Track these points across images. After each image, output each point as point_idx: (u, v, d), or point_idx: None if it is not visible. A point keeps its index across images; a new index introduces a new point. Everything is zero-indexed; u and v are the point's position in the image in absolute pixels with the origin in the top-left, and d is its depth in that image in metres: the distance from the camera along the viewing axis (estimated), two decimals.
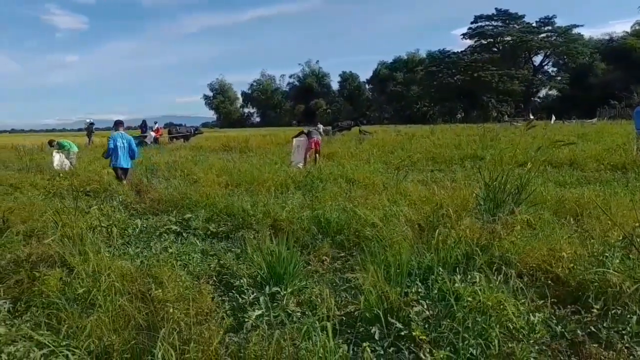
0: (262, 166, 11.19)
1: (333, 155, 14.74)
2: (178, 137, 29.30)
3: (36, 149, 20.89)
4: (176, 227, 5.95)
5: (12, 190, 9.23)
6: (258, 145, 20.35)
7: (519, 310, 3.06)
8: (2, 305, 3.60)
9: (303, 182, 8.60)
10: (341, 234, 5.23)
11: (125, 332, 2.99)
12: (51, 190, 9.01)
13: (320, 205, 6.11)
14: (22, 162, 14.67)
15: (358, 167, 10.64)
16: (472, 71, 75.11)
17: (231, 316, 3.32)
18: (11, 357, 2.77)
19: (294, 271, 3.92)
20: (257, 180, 8.88)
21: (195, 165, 12.24)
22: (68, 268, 4.15)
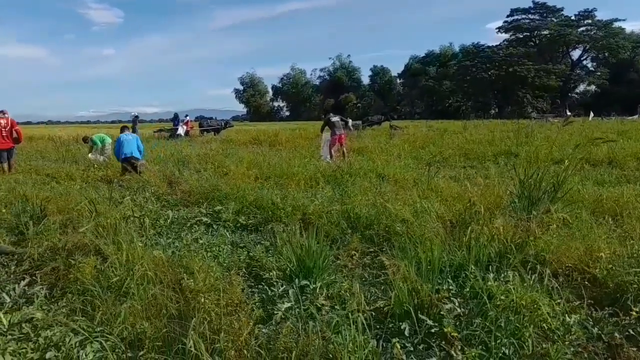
0: (292, 160, 11.23)
1: (363, 150, 14.64)
2: (209, 130, 29.74)
3: (71, 141, 21.55)
4: (207, 219, 6.05)
5: (48, 180, 9.54)
6: (287, 139, 20.40)
7: (554, 311, 3.02)
8: (39, 291, 3.75)
9: (332, 177, 8.60)
10: (371, 229, 5.22)
11: (157, 320, 3.07)
12: (86, 180, 9.28)
13: (350, 200, 6.11)
14: (58, 153, 15.18)
15: (388, 163, 10.54)
16: (507, 66, 73.27)
17: (260, 308, 3.37)
18: (47, 341, 2.87)
19: (323, 265, 3.93)
20: (286, 174, 8.93)
21: (225, 158, 12.37)
22: (102, 257, 4.27)
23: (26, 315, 3.20)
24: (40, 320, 3.14)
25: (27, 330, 3.01)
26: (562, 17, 76.06)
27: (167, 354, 2.78)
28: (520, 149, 13.05)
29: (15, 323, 3.10)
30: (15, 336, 2.96)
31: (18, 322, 3.12)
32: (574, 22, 74.79)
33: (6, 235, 5.32)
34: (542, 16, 76.78)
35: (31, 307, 3.40)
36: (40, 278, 4.11)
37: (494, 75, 74.86)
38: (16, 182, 8.33)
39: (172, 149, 15.41)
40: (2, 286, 3.87)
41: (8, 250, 4.84)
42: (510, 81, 72.88)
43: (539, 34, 77.26)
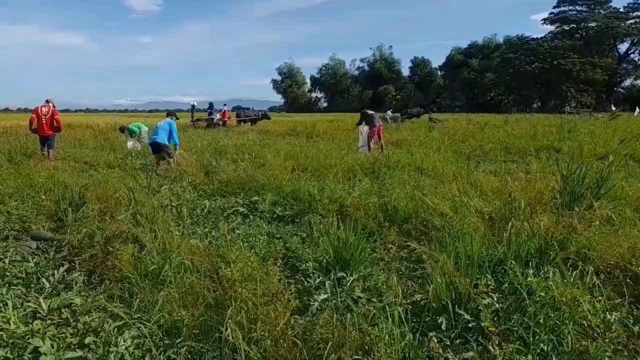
0: (329, 152, 11.24)
1: (402, 143, 14.61)
2: (246, 120, 30.09)
3: (110, 129, 22.27)
4: (243, 209, 6.14)
5: (87, 168, 9.90)
6: (325, 131, 20.43)
7: (594, 308, 3.03)
8: (78, 277, 3.90)
9: (370, 169, 8.57)
10: (408, 223, 5.20)
11: (194, 308, 3.13)
12: (124, 168, 9.57)
13: (388, 193, 6.09)
14: (96, 141, 15.68)
15: (427, 156, 10.48)
16: (551, 58, 71.14)
17: (297, 299, 3.40)
18: (86, 327, 2.98)
19: (360, 257, 3.94)
20: (323, 166, 8.95)
21: (262, 149, 12.50)
22: (140, 245, 4.38)
23: (65, 300, 3.34)
24: (79, 306, 3.27)
25: (66, 316, 3.14)
26: (610, 9, 73.32)
27: (204, 342, 2.83)
28: (563, 144, 12.87)
29: (55, 308, 3.24)
30: (54, 321, 3.09)
31: (57, 307, 3.25)
32: (623, 15, 71.96)
33: (45, 222, 5.52)
34: (590, 8, 74.15)
35: (70, 293, 3.54)
36: (78, 265, 4.26)
37: (538, 68, 72.86)
38: (55, 169, 8.65)
39: (210, 139, 15.66)
40: (42, 272, 4.03)
41: (47, 236, 5.03)
42: (555, 74, 70.75)
43: (586, 26, 74.70)
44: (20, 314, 3.10)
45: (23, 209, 5.87)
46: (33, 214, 5.68)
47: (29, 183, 7.14)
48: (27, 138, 13.42)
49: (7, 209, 5.84)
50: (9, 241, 4.85)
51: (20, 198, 6.37)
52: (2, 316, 2.99)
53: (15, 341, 2.74)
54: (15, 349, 2.70)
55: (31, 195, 6.47)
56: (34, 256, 4.46)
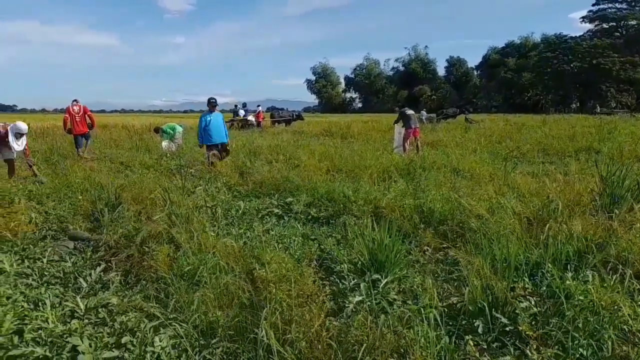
0: (364, 152, 11.22)
1: (437, 144, 14.51)
2: (280, 121, 30.33)
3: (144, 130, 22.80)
4: (278, 210, 6.19)
5: (123, 168, 10.15)
6: (359, 132, 20.40)
7: (635, 313, 2.98)
8: (114, 277, 4.01)
9: (405, 170, 8.50)
10: (444, 225, 5.16)
11: (229, 309, 3.18)
12: (159, 169, 9.78)
13: (424, 194, 6.06)
14: (132, 142, 16.09)
15: (463, 157, 10.37)
16: (590, 58, 68.81)
17: (331, 300, 3.41)
18: (123, 326, 3.06)
19: (395, 260, 3.92)
20: (358, 167, 8.92)
21: (296, 149, 12.57)
22: (175, 245, 4.48)
23: (102, 300, 3.44)
24: (116, 306, 3.36)
25: (103, 315, 3.23)
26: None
27: (239, 343, 2.87)
28: (602, 145, 12.55)
29: (92, 308, 3.33)
30: (92, 320, 3.18)
31: (94, 307, 3.35)
32: None
33: (82, 222, 5.70)
34: (630, 5, 71.31)
35: (107, 293, 3.64)
36: (115, 265, 4.38)
37: (577, 67, 70.72)
38: (92, 169, 8.93)
39: (244, 140, 15.86)
40: (79, 271, 4.17)
41: (84, 236, 5.20)
42: (594, 74, 68.49)
43: (626, 24, 72.06)
44: (59, 313, 3.21)
45: (60, 209, 6.08)
46: (70, 214, 5.87)
47: (66, 183, 7.39)
48: (64, 139, 13.90)
49: (45, 209, 6.05)
50: (47, 241, 5.03)
51: (58, 198, 6.60)
52: (41, 315, 3.11)
53: (54, 340, 2.83)
54: (54, 348, 2.79)
55: (68, 196, 6.69)
56: (71, 256, 4.62)
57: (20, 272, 4.09)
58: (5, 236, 4.85)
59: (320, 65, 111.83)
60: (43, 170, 9.41)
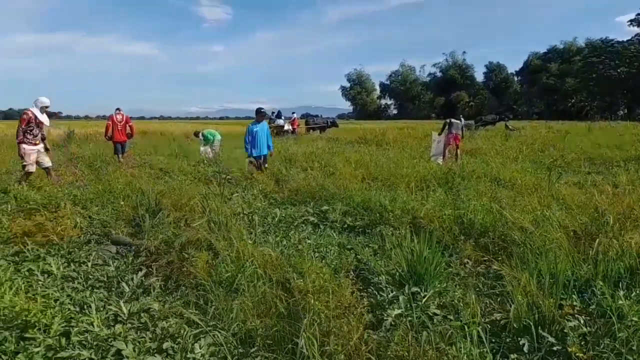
0: (400, 160, 11.15)
1: (476, 152, 14.33)
2: (314, 128, 30.48)
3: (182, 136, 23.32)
4: (313, 219, 6.21)
5: (162, 174, 10.38)
6: (395, 139, 20.32)
7: None
8: (155, 282, 4.10)
9: (444, 179, 8.39)
10: (485, 237, 5.05)
11: (267, 318, 3.20)
12: (196, 176, 9.96)
13: (463, 205, 5.96)
14: (170, 148, 16.46)
15: (504, 166, 10.21)
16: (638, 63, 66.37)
17: (370, 312, 3.39)
18: (164, 332, 3.13)
19: (435, 272, 3.87)
20: (394, 175, 8.87)
21: (331, 157, 12.59)
22: (213, 252, 4.54)
23: (144, 305, 3.53)
24: (157, 311, 3.44)
25: (145, 320, 3.31)
26: None
27: (277, 353, 2.88)
28: None
29: (135, 312, 3.43)
30: (134, 325, 3.27)
31: (137, 311, 3.44)
32: None
33: (124, 227, 5.86)
34: None
35: (148, 298, 3.73)
36: (155, 270, 4.47)
37: (624, 72, 68.75)
38: (132, 175, 9.16)
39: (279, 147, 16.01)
40: (122, 276, 4.27)
41: (126, 241, 5.33)
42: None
43: None
44: (103, 316, 3.31)
45: (104, 214, 6.26)
46: (113, 219, 6.03)
47: (109, 189, 7.60)
48: (106, 145, 14.34)
49: (89, 214, 6.25)
50: (91, 245, 5.19)
51: (101, 203, 6.80)
52: (86, 318, 3.21)
53: (99, 343, 2.92)
54: (99, 351, 2.88)
55: (110, 201, 6.88)
56: (114, 260, 4.74)
57: (66, 275, 4.25)
58: (52, 240, 5.04)
59: (355, 72, 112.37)
60: (87, 175, 9.73)
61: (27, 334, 3.00)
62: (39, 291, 3.76)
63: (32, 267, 4.33)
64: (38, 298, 3.50)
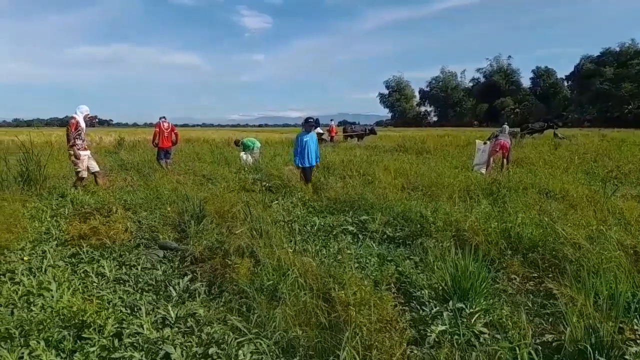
0: (441, 169, 11.03)
1: (523, 161, 13.88)
2: (353, 135, 30.45)
3: (224, 144, 23.75)
4: (352, 228, 6.21)
5: (205, 181, 10.60)
6: (435, 147, 20.07)
7: None
8: (200, 287, 4.21)
9: (488, 190, 8.24)
10: (534, 252, 4.89)
11: (307, 328, 3.24)
12: (238, 182, 10.14)
13: (511, 218, 5.79)
14: (213, 155, 16.81)
15: (554, 176, 9.86)
16: None
17: (412, 327, 3.37)
18: (209, 337, 3.22)
19: (481, 288, 3.80)
20: (435, 185, 8.78)
21: (370, 165, 12.57)
22: (255, 259, 4.63)
23: (190, 310, 3.64)
24: (202, 316, 3.54)
25: (191, 325, 3.42)
26: None
27: None
28: None
29: (181, 317, 3.54)
30: (181, 329, 3.38)
31: (184, 316, 3.56)
32: None
33: (171, 232, 6.03)
34: None
35: (194, 303, 3.84)
36: (200, 275, 4.58)
37: None
38: (178, 182, 9.42)
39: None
40: (169, 280, 4.41)
41: (173, 246, 5.49)
42: None
43: None
44: (152, 319, 3.44)
45: (152, 219, 6.47)
46: (160, 224, 6.22)
47: (156, 195, 7.85)
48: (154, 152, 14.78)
49: (138, 218, 6.48)
50: (140, 249, 5.38)
51: (149, 208, 7.03)
52: (137, 321, 3.35)
53: (149, 346, 3.04)
54: (149, 354, 3.00)
55: (158, 206, 7.11)
56: (161, 264, 4.91)
57: (118, 277, 4.44)
58: (105, 243, 5.26)
59: (394, 78, 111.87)
60: (136, 181, 10.08)
61: (84, 334, 3.16)
62: (94, 292, 3.95)
63: (87, 268, 4.56)
64: (94, 299, 3.68)
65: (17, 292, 3.90)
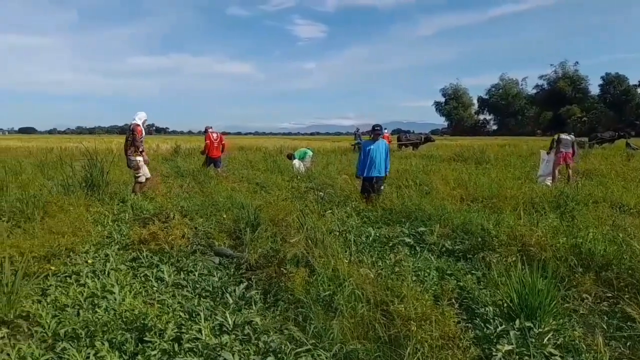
0: (503, 180, 10.71)
1: (592, 173, 13.27)
2: (407, 144, 30.15)
3: (276, 152, 24.12)
4: (409, 240, 6.11)
5: (258, 189, 10.79)
6: (496, 157, 19.54)
7: None
8: (255, 295, 4.26)
9: (555, 203, 7.92)
10: (608, 270, 4.63)
11: (365, 341, 3.21)
12: (291, 191, 10.25)
13: (581, 233, 5.54)
14: (266, 164, 17.10)
15: (627, 190, 9.38)
16: None
17: (475, 345, 3.26)
18: (267, 346, 3.25)
19: (550, 307, 3.63)
20: (497, 196, 8.53)
21: (426, 175, 12.39)
22: (310, 268, 4.64)
23: (247, 318, 3.69)
24: (259, 325, 3.58)
25: (248, 332, 3.46)
26: None
27: None
28: None
29: (239, 324, 3.59)
30: (239, 336, 3.43)
31: (241, 323, 3.61)
32: None
33: (226, 239, 6.16)
34: None
35: (250, 311, 3.89)
36: (255, 283, 4.65)
37: None
38: (232, 189, 9.62)
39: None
40: (225, 287, 4.49)
41: (228, 253, 5.61)
42: None
43: None
44: (210, 326, 3.51)
45: (207, 225, 6.62)
46: (216, 231, 6.36)
47: (211, 202, 8.05)
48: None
49: (194, 225, 6.65)
50: (196, 255, 5.52)
51: (205, 215, 7.21)
52: (196, 327, 3.42)
53: (208, 352, 3.10)
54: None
55: (213, 213, 7.28)
56: (217, 271, 5.01)
57: (176, 282, 4.56)
58: (164, 248, 5.43)
59: (451, 86, 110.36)
60: (192, 188, 10.38)
61: (145, 337, 3.26)
62: (154, 296, 4.08)
63: (147, 273, 4.73)
64: (155, 303, 3.80)
65: (83, 294, 4.09)
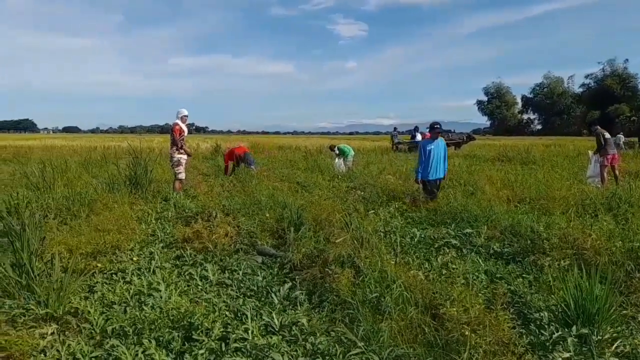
0: (550, 181, 10.40)
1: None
2: (449, 144, 29.64)
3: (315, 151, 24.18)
4: (456, 242, 6.00)
5: (299, 188, 10.81)
6: (542, 157, 19.02)
7: None
8: (300, 295, 4.25)
9: (607, 205, 7.62)
10: None
11: (415, 345, 3.15)
12: (332, 191, 10.23)
13: (637, 236, 5.30)
14: (306, 163, 17.15)
15: None
16: None
17: (530, 352, 3.15)
18: (315, 348, 3.23)
19: (608, 313, 3.49)
20: (545, 197, 8.29)
21: (470, 175, 12.16)
22: (355, 269, 4.60)
23: (294, 318, 3.68)
24: (306, 326, 3.57)
25: (295, 333, 3.45)
26: None
27: None
28: None
29: (285, 325, 3.59)
30: (286, 337, 3.42)
31: (287, 324, 3.60)
32: None
33: (269, 238, 6.19)
34: None
35: (296, 311, 3.88)
36: (299, 283, 4.64)
37: None
38: (274, 189, 9.68)
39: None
40: (270, 286, 4.50)
41: (271, 252, 5.63)
42: None
43: None
44: (257, 325, 3.52)
45: (250, 224, 6.67)
46: (258, 230, 6.40)
47: (253, 201, 8.11)
48: None
49: (237, 224, 6.71)
50: (239, 254, 5.56)
51: (247, 214, 7.27)
52: (243, 326, 3.44)
53: (255, 352, 3.11)
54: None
55: (256, 212, 7.33)
56: (261, 270, 5.03)
57: (221, 281, 4.61)
58: (207, 247, 5.50)
59: (493, 85, 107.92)
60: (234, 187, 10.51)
61: (193, 336, 3.30)
62: (200, 295, 4.13)
63: (191, 271, 4.79)
64: (202, 302, 3.84)
65: (129, 291, 4.18)
